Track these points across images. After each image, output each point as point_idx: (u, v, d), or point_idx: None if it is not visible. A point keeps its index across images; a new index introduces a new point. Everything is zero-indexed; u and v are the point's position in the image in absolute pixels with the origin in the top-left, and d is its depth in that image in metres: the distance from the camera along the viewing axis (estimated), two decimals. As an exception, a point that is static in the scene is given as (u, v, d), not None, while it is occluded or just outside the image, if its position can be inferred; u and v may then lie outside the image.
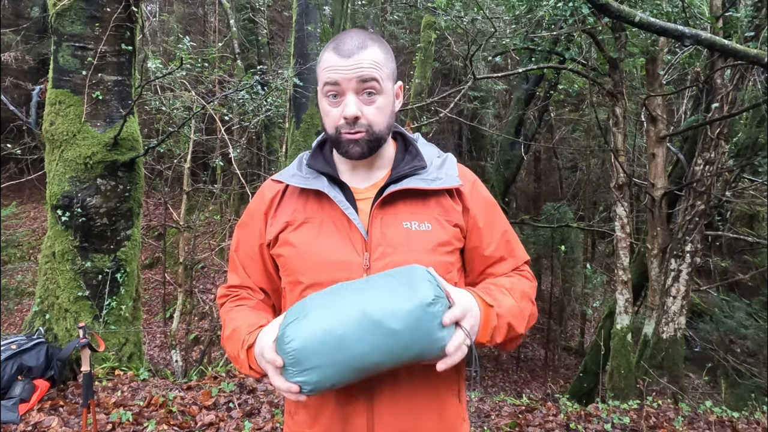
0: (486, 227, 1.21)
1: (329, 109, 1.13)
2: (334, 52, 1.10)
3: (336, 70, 1.09)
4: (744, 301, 7.19)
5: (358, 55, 1.08)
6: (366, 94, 1.10)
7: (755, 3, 5.21)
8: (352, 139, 1.11)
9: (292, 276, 1.15)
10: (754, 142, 5.72)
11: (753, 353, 6.99)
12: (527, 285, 1.23)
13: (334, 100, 1.12)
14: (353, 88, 1.09)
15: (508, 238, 1.25)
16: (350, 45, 1.09)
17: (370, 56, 1.09)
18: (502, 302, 1.09)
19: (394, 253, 1.10)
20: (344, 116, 1.10)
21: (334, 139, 1.14)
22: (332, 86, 1.10)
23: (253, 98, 6.24)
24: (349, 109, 1.09)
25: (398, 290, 0.96)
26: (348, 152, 1.13)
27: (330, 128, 1.14)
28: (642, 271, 6.35)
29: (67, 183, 3.77)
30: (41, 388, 3.36)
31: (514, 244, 1.27)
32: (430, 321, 0.94)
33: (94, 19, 3.76)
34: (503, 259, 1.23)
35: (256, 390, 3.66)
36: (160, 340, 8.73)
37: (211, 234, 10.82)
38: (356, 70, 1.08)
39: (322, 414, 1.13)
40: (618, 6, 2.96)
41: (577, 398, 6.07)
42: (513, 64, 11.03)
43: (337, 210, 1.14)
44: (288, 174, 1.22)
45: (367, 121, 1.11)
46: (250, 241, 1.24)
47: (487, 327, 1.05)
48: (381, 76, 1.11)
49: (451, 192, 1.19)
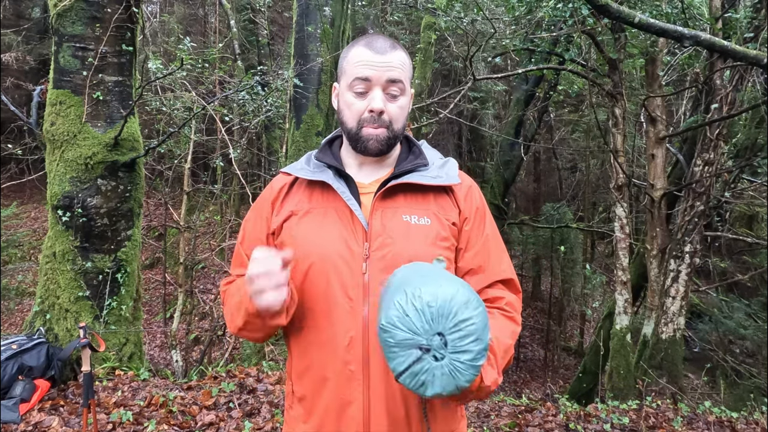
0: (471, 231, 1.21)
1: (354, 101, 1.16)
2: (366, 48, 1.15)
3: (368, 65, 1.13)
4: (743, 302, 7.20)
5: (390, 54, 1.15)
6: (391, 93, 1.15)
7: (754, 4, 5.23)
8: (373, 134, 1.15)
9: (294, 263, 1.15)
10: (753, 142, 5.72)
11: (752, 353, 7.00)
12: (511, 331, 1.15)
13: (361, 93, 1.15)
14: (381, 85, 1.14)
15: (490, 248, 1.21)
16: (382, 44, 1.16)
17: (399, 57, 1.16)
18: (488, 375, 1.04)
19: (393, 244, 1.12)
20: (371, 108, 1.14)
21: (354, 133, 1.17)
22: (362, 81, 1.14)
23: (254, 99, 6.25)
24: (376, 103, 1.13)
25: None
26: (366, 147, 1.17)
27: (351, 120, 1.17)
28: (641, 272, 6.36)
29: (67, 183, 3.77)
30: (42, 388, 3.36)
31: (496, 256, 1.22)
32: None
33: (95, 19, 3.77)
34: (480, 269, 1.19)
35: (257, 390, 3.67)
36: (160, 340, 8.73)
37: (211, 234, 10.83)
38: (388, 68, 1.14)
39: (317, 407, 1.14)
40: (617, 7, 2.97)
41: (577, 398, 6.08)
42: (513, 65, 11.04)
43: (340, 201, 1.16)
44: (297, 167, 1.25)
45: (390, 117, 1.16)
46: (256, 230, 1.26)
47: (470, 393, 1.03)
48: (406, 77, 1.17)
49: (449, 192, 1.22)
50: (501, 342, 1.09)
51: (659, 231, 5.27)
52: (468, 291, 0.92)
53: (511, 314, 1.17)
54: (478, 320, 0.90)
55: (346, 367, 1.11)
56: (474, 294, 0.93)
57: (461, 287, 0.92)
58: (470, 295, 0.92)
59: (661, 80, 5.46)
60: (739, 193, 6.33)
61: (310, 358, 1.15)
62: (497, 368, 1.05)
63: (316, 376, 1.14)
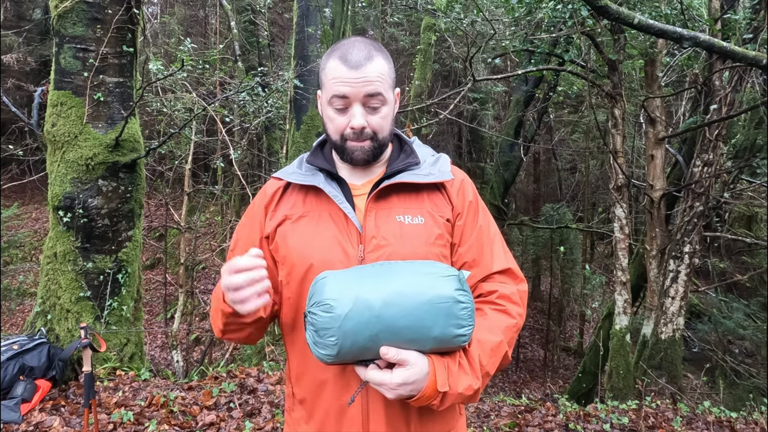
0: (464, 225, 1.21)
1: (335, 116, 1.15)
2: (341, 62, 1.11)
3: (344, 83, 1.11)
4: (742, 302, 7.21)
5: (366, 67, 1.10)
6: (371, 106, 1.14)
7: (753, 5, 5.24)
8: (358, 146, 1.15)
9: (289, 267, 1.16)
10: (752, 143, 5.73)
11: (751, 354, 7.01)
12: (502, 326, 1.12)
13: (340, 109, 1.14)
14: (360, 100, 1.12)
15: (483, 240, 1.21)
16: (357, 56, 1.11)
17: (376, 68, 1.12)
18: (458, 382, 1.03)
19: (387, 245, 1.12)
20: (352, 126, 1.13)
21: (339, 146, 1.17)
22: (340, 99, 1.12)
23: (254, 100, 6.26)
24: (357, 120, 1.12)
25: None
26: (352, 159, 1.17)
27: (334, 134, 1.17)
28: (641, 272, 6.36)
29: (68, 184, 3.78)
30: (43, 388, 3.37)
31: (489, 247, 1.21)
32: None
33: (96, 21, 3.78)
34: (475, 263, 1.19)
35: (257, 390, 3.68)
36: (161, 341, 8.75)
37: (212, 235, 10.85)
38: (364, 83, 1.10)
39: (318, 409, 1.15)
40: (617, 8, 2.98)
41: (576, 398, 6.09)
42: (512, 66, 11.06)
43: (334, 205, 1.16)
44: (288, 171, 1.25)
45: (373, 129, 1.15)
46: (249, 236, 1.26)
47: (426, 399, 1.02)
48: (385, 87, 1.14)
49: (441, 188, 1.22)
50: (484, 343, 1.07)
51: (658, 231, 5.28)
52: (345, 285, 1.00)
53: (504, 307, 1.15)
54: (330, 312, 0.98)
55: (344, 370, 1.12)
56: (353, 289, 0.98)
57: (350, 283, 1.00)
58: (344, 289, 0.99)
59: (660, 81, 5.47)
60: (738, 194, 6.33)
61: (307, 361, 1.16)
62: (475, 373, 1.04)
63: (315, 379, 1.15)
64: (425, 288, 0.98)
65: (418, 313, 0.97)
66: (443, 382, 1.00)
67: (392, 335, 0.98)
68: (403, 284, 0.99)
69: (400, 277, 1.00)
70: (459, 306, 0.98)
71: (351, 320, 0.97)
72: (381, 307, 0.96)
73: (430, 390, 1.00)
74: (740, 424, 3.77)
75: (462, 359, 1.05)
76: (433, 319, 0.97)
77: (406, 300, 0.97)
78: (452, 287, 0.99)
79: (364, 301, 0.97)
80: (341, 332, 0.96)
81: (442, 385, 1.00)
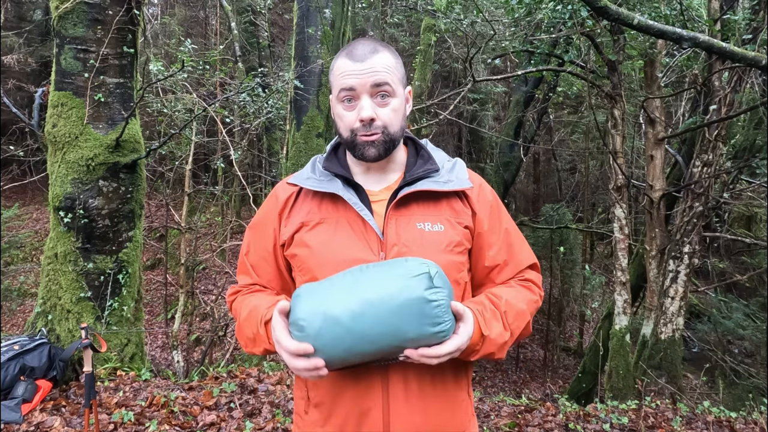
0: (490, 230, 1.22)
1: (344, 113, 1.15)
2: (347, 58, 1.14)
3: (350, 75, 1.12)
4: (742, 302, 7.22)
5: (371, 59, 1.12)
6: (380, 97, 1.14)
7: (753, 5, 5.25)
8: (368, 141, 1.14)
9: (308, 275, 1.16)
10: (751, 143, 5.74)
11: (751, 354, 7.02)
12: (527, 298, 1.21)
13: (349, 104, 1.14)
14: (368, 92, 1.13)
15: (511, 241, 1.25)
16: (362, 51, 1.13)
17: (382, 60, 1.13)
18: (492, 329, 1.11)
19: (408, 253, 1.12)
20: (360, 118, 1.12)
21: (350, 142, 1.17)
22: (348, 91, 1.13)
23: (254, 100, 6.27)
24: (365, 112, 1.12)
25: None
26: (364, 154, 1.16)
27: (345, 131, 1.16)
28: (640, 273, 6.38)
29: (69, 185, 3.79)
30: (44, 388, 3.38)
31: (517, 246, 1.26)
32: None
33: (97, 22, 3.79)
34: (506, 263, 1.23)
35: (257, 390, 3.68)
36: (161, 341, 8.75)
37: (212, 235, 10.86)
38: (370, 73, 1.11)
39: (336, 412, 1.15)
40: (616, 9, 2.99)
41: (576, 398, 6.10)
42: (512, 67, 11.07)
43: (352, 211, 1.16)
44: (302, 177, 1.24)
45: (383, 122, 1.14)
46: (262, 242, 1.25)
47: (471, 353, 1.09)
48: (393, 79, 1.14)
49: (460, 195, 1.22)
50: (511, 304, 1.15)
51: (658, 232, 5.28)
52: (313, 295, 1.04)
53: (528, 284, 1.24)
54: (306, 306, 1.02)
55: (364, 374, 1.11)
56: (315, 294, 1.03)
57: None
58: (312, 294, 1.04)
59: (660, 82, 5.48)
60: (738, 194, 6.34)
61: None
62: (504, 324, 1.12)
63: (334, 383, 1.14)
64: (394, 292, 0.98)
65: (391, 319, 0.98)
66: (484, 326, 1.08)
67: (369, 344, 0.99)
68: (372, 292, 0.99)
69: (369, 285, 1.00)
70: (431, 305, 0.98)
71: (323, 337, 0.99)
72: (350, 321, 0.98)
73: (476, 335, 1.07)
74: (740, 424, 3.78)
75: (493, 309, 1.13)
76: (407, 322, 0.98)
77: (376, 308, 0.98)
78: (422, 287, 0.99)
79: (332, 317, 0.98)
80: (318, 348, 0.99)
81: (485, 329, 1.08)
